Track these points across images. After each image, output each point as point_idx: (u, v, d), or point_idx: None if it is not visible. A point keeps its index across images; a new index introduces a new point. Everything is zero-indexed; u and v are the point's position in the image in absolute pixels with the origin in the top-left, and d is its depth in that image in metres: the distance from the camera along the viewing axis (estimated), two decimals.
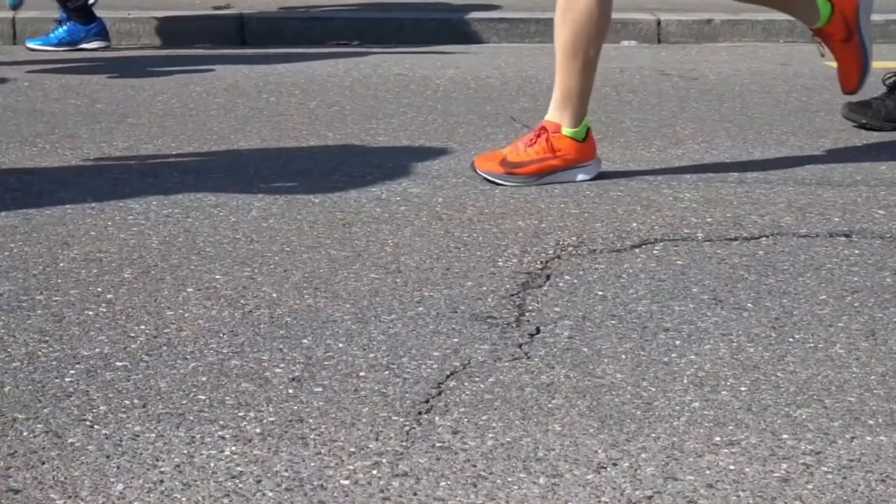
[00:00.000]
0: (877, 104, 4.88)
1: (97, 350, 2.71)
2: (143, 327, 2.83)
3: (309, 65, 6.23)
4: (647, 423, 2.40)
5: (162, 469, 2.21)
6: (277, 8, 7.32)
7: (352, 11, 7.22)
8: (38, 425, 2.36)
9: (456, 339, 2.78)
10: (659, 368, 2.65)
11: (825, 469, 2.24)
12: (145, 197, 3.82)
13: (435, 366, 2.64)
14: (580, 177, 4.05)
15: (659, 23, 7.31)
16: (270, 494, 2.13)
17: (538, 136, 4.05)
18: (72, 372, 2.59)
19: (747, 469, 2.23)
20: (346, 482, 2.17)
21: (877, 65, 6.46)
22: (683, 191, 3.97)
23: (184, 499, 2.11)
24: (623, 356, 2.71)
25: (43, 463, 2.22)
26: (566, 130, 4.04)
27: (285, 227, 3.55)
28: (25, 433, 2.33)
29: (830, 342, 2.80)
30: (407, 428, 2.37)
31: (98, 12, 6.78)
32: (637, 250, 3.41)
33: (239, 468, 2.21)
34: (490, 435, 2.35)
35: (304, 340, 2.77)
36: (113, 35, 6.88)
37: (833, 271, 3.26)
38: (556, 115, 4.06)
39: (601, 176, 4.11)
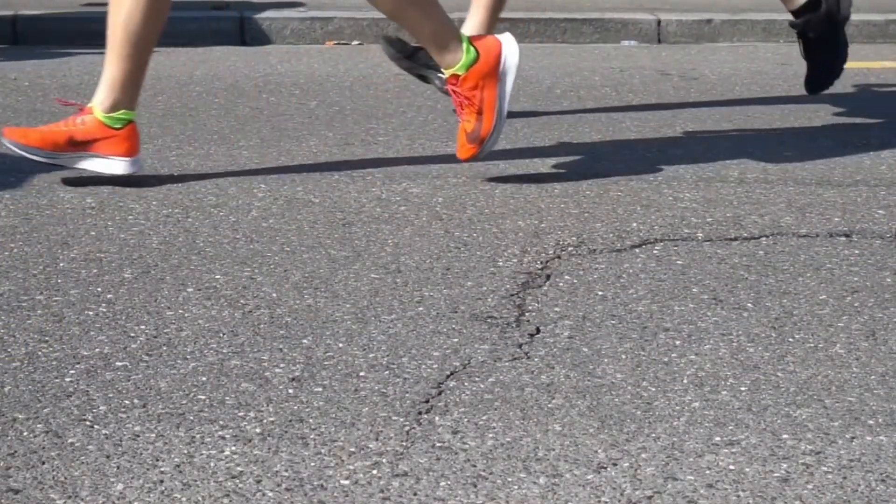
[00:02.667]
0: None
1: (97, 350, 2.71)
2: (143, 327, 2.83)
3: (309, 65, 6.23)
4: (647, 423, 2.40)
5: (162, 469, 2.21)
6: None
7: (352, 11, 7.22)
8: (38, 425, 2.36)
9: (456, 339, 2.78)
10: (659, 368, 2.65)
11: (825, 469, 2.24)
12: (145, 197, 3.82)
13: (435, 366, 2.64)
14: (100, 167, 3.91)
15: (659, 23, 7.31)
16: (270, 494, 2.13)
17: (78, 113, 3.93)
18: (72, 372, 2.59)
19: (747, 469, 2.24)
20: (346, 482, 2.17)
21: (876, 65, 6.47)
22: (683, 191, 3.97)
23: (184, 499, 2.11)
24: (623, 356, 2.71)
25: (43, 463, 2.22)
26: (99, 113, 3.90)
27: (285, 227, 3.55)
28: (25, 433, 2.33)
29: (830, 342, 2.80)
30: (407, 428, 2.37)
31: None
32: (637, 250, 3.41)
33: (239, 468, 2.22)
34: (490, 435, 2.35)
35: (304, 340, 2.77)
36: None
37: (833, 271, 3.26)
38: (99, 97, 3.91)
39: (601, 175, 4.11)
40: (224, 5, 7.37)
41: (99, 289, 3.07)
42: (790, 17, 4.84)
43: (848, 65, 4.86)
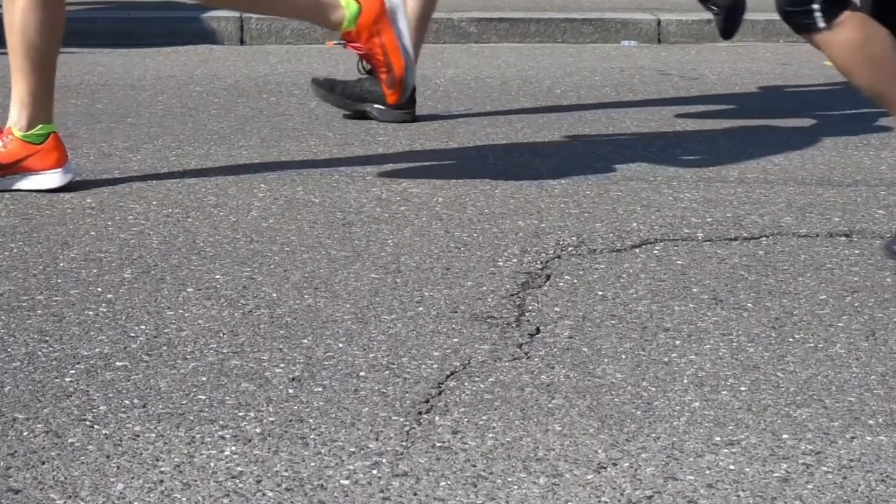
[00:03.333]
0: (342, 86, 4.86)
1: (97, 350, 2.71)
2: (143, 327, 2.83)
3: (309, 65, 6.23)
4: (647, 423, 2.40)
5: (162, 469, 2.21)
6: None
7: None
8: (38, 425, 2.36)
9: (456, 339, 2.78)
10: (659, 368, 2.65)
11: (825, 469, 2.24)
12: (145, 197, 3.82)
13: (435, 366, 2.64)
14: (33, 183, 3.85)
15: (659, 23, 7.31)
16: (270, 494, 2.13)
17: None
18: (72, 372, 2.59)
19: (747, 469, 2.24)
20: (346, 482, 2.17)
21: None
22: (683, 191, 3.97)
23: (184, 499, 2.11)
24: (623, 356, 2.71)
25: (43, 463, 2.22)
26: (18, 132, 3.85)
27: (285, 227, 3.55)
28: (25, 433, 2.33)
29: (830, 342, 2.80)
30: (407, 428, 2.37)
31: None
32: (637, 250, 3.41)
33: (239, 468, 2.22)
34: (490, 435, 2.35)
35: (304, 340, 2.77)
36: (114, 35, 6.88)
37: (833, 271, 3.26)
38: (13, 116, 3.86)
39: (601, 175, 4.11)
40: None
41: (99, 289, 3.07)
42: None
43: None
